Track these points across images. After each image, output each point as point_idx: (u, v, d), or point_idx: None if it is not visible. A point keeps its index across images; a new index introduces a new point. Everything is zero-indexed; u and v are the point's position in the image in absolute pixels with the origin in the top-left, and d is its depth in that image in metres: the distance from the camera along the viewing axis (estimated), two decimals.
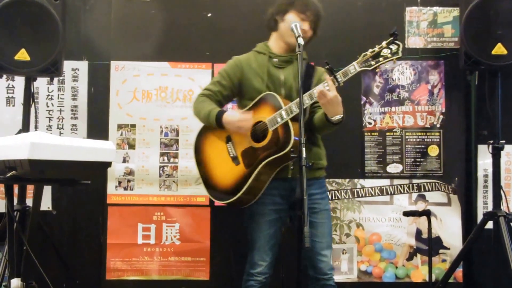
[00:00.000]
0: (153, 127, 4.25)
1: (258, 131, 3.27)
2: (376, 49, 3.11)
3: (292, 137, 3.10)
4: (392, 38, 3.10)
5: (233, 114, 3.28)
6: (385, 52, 3.10)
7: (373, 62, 3.10)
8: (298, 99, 3.03)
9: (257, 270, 3.30)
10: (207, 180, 3.44)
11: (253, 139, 3.26)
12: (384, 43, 3.11)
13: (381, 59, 3.09)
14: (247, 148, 3.28)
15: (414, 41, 4.28)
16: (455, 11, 4.26)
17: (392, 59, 3.10)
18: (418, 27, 4.30)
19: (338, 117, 3.10)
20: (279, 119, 3.17)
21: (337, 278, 3.32)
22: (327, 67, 3.06)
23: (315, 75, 3.40)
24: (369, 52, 3.12)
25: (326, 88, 3.05)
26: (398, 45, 3.10)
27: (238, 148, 3.32)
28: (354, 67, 3.11)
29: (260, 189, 3.26)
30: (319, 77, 3.37)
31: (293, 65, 3.35)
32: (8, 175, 2.76)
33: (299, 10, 3.30)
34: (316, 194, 3.32)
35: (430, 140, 4.27)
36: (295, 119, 3.14)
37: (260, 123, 3.25)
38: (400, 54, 3.09)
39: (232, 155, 3.33)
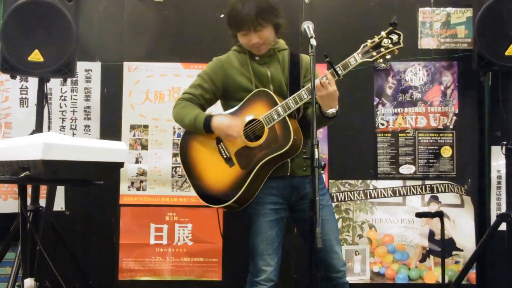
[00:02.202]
0: (165, 127, 4.25)
1: (251, 130, 3.10)
2: (376, 39, 2.98)
3: (292, 134, 2.97)
4: (391, 27, 2.97)
5: (222, 119, 3.09)
6: (386, 42, 2.96)
7: (374, 53, 2.97)
8: (294, 94, 2.99)
9: (262, 277, 3.03)
10: (198, 184, 3.17)
11: (247, 138, 3.09)
12: (383, 33, 2.97)
13: (382, 49, 2.96)
14: (242, 148, 3.08)
15: (427, 42, 4.26)
16: (468, 12, 4.23)
17: (393, 50, 2.97)
18: (431, 28, 4.27)
19: (333, 110, 2.96)
20: (275, 116, 3.02)
21: (350, 279, 3.28)
22: (327, 60, 2.89)
23: (302, 64, 3.23)
24: (369, 43, 2.98)
25: (326, 81, 2.90)
26: (399, 35, 2.96)
27: (231, 149, 3.11)
28: (354, 59, 2.96)
29: (256, 189, 3.07)
30: (306, 66, 3.21)
31: (276, 59, 3.20)
32: (22, 175, 2.77)
33: (235, 29, 3.13)
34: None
35: (443, 141, 4.25)
36: (291, 115, 3.04)
37: (254, 121, 3.09)
38: (401, 44, 2.96)
39: (225, 156, 3.12)
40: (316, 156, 2.60)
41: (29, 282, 3.02)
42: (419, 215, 3.97)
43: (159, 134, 4.25)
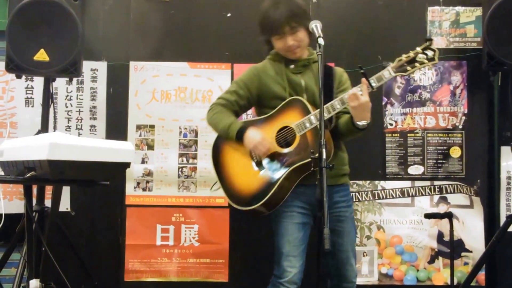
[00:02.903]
0: (172, 127, 4.23)
1: (283, 136, 3.14)
2: (411, 54, 3.02)
3: (323, 140, 2.91)
4: (427, 43, 3.02)
5: (254, 134, 3.10)
6: (421, 57, 3.01)
7: (408, 68, 3.01)
8: (327, 104, 3.02)
9: (285, 279, 3.05)
10: (226, 185, 3.23)
11: (278, 144, 3.13)
12: (419, 49, 3.02)
13: (417, 64, 3.00)
14: (272, 154, 3.12)
15: (436, 41, 4.21)
16: (478, 11, 4.20)
17: (428, 65, 3.03)
18: (440, 27, 4.24)
19: (364, 122, 3.00)
20: (307, 124, 3.04)
21: (358, 281, 3.26)
22: (362, 71, 2.93)
23: (335, 76, 3.29)
24: (404, 57, 3.02)
25: (359, 92, 2.95)
26: (434, 51, 3.01)
27: (262, 154, 3.14)
28: (389, 72, 3.01)
29: (284, 195, 3.09)
30: (340, 78, 3.29)
31: (311, 69, 3.24)
32: (27, 175, 2.77)
33: (270, 34, 3.17)
34: (342, 202, 3.21)
35: (452, 141, 4.22)
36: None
37: (286, 128, 3.13)
38: (436, 60, 3.02)
39: (256, 160, 3.16)
40: (324, 157, 2.61)
41: (34, 283, 3.02)
42: (428, 216, 3.93)
43: (166, 134, 4.22)
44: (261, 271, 3.77)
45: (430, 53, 3.01)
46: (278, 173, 3.09)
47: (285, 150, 3.10)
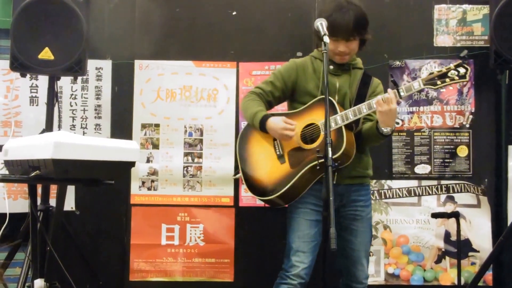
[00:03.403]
0: (177, 126, 4.21)
1: (309, 133, 3.21)
2: (444, 69, 3.09)
3: (344, 145, 3.04)
4: (461, 61, 3.11)
5: (276, 121, 3.19)
6: (452, 73, 3.08)
7: (438, 82, 3.08)
8: (355, 107, 3.11)
9: (292, 272, 3.13)
10: (247, 174, 3.33)
11: (303, 140, 3.20)
12: (452, 65, 3.10)
13: (447, 80, 3.07)
14: (295, 148, 3.21)
15: (442, 40, 4.19)
16: (485, 9, 4.17)
17: (458, 82, 3.10)
18: (447, 25, 4.21)
19: (388, 129, 3.05)
20: (333, 124, 3.08)
21: None
22: (392, 79, 3.09)
23: (371, 85, 3.33)
24: (435, 72, 3.10)
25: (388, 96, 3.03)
26: (467, 69, 3.07)
27: (285, 147, 3.24)
28: (418, 84, 3.08)
29: (302, 190, 3.18)
30: (375, 88, 3.33)
31: (349, 74, 3.30)
32: (32, 174, 2.76)
33: (331, 33, 3.09)
34: (360, 201, 3.27)
35: (459, 140, 4.19)
36: (348, 127, 3.14)
37: (312, 125, 3.20)
38: (467, 79, 3.09)
39: (278, 153, 3.25)
40: (330, 155, 2.64)
41: (39, 282, 3.02)
42: (435, 215, 3.90)
43: (171, 133, 4.20)
44: (267, 270, 3.76)
45: (462, 70, 3.07)
46: (298, 167, 3.16)
47: (308, 146, 3.17)
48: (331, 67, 3.27)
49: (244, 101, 3.38)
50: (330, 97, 3.13)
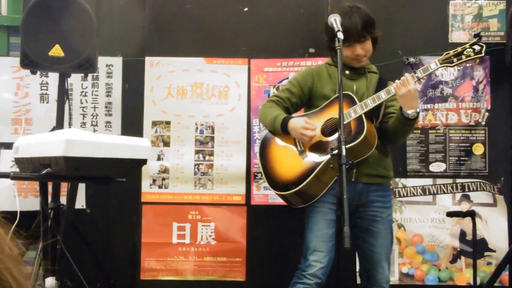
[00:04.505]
0: (188, 124, 4.17)
1: (328, 126, 3.22)
2: (459, 49, 3.11)
3: (365, 132, 3.04)
4: (476, 39, 3.10)
5: (298, 120, 3.22)
6: (468, 51, 3.09)
7: (455, 60, 3.09)
8: (374, 95, 3.13)
9: (309, 272, 3.11)
10: (269, 174, 3.35)
11: (323, 133, 3.22)
12: (467, 45, 3.11)
13: (463, 57, 3.07)
14: (316, 142, 3.22)
15: (458, 36, 4.13)
16: (501, 4, 4.11)
17: (474, 58, 3.11)
18: (463, 21, 4.15)
19: (413, 111, 3.03)
20: (352, 114, 3.12)
21: None
22: (407, 61, 3.16)
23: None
24: (451, 52, 3.12)
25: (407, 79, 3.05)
26: (482, 46, 3.07)
27: (306, 143, 3.24)
28: (435, 64, 3.09)
29: (322, 188, 3.17)
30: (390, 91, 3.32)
31: (365, 77, 3.33)
32: (43, 172, 2.73)
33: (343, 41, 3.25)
34: (379, 202, 3.24)
35: (474, 138, 4.13)
36: (369, 119, 3.15)
37: (332, 118, 3.20)
38: (483, 54, 3.08)
39: (299, 149, 3.27)
40: (344, 153, 2.64)
41: (50, 281, 3.02)
42: (450, 214, 3.88)
43: (182, 131, 4.17)
44: (280, 270, 3.73)
45: (477, 48, 3.07)
46: (319, 160, 3.17)
47: (329, 138, 3.18)
48: (347, 72, 3.29)
49: (262, 109, 3.41)
50: (348, 92, 3.20)
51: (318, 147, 3.21)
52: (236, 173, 4.13)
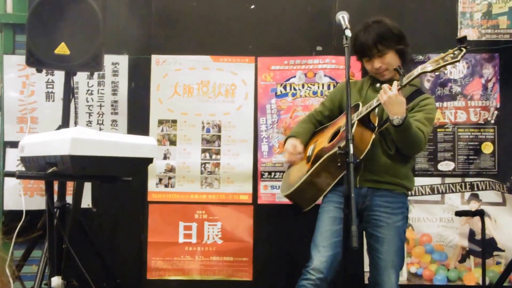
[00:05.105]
0: (194, 122, 4.15)
1: (335, 135, 3.29)
2: (442, 54, 3.01)
3: (350, 134, 2.93)
4: (458, 46, 2.96)
5: (289, 141, 3.43)
6: (448, 57, 2.97)
7: (433, 64, 3.00)
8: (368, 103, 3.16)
9: (311, 266, 3.12)
10: (284, 180, 3.57)
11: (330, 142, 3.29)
12: (451, 50, 2.98)
13: (441, 61, 2.98)
14: (321, 148, 3.29)
15: (467, 33, 4.08)
16: (511, 2, 4.07)
17: (451, 63, 2.95)
18: (472, 19, 4.11)
19: (397, 117, 2.96)
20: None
21: None
22: (394, 68, 3.07)
23: (416, 99, 3.26)
24: (439, 57, 3.02)
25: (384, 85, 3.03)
26: (461, 50, 2.94)
27: (316, 149, 3.34)
28: (417, 70, 3.00)
29: (321, 191, 3.25)
30: (418, 101, 3.25)
31: None
32: (49, 171, 2.72)
33: (359, 56, 3.34)
34: (384, 207, 3.19)
35: (484, 136, 4.10)
36: (369, 128, 3.14)
37: (339, 128, 3.29)
38: (459, 59, 2.94)
39: (308, 155, 3.38)
40: (351, 152, 2.62)
41: (56, 280, 3.01)
42: (459, 213, 3.87)
43: (188, 129, 4.14)
44: (287, 269, 3.70)
45: (457, 52, 2.95)
46: (315, 161, 3.26)
47: (328, 144, 3.25)
48: (378, 85, 3.29)
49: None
50: (358, 102, 3.22)
51: (320, 153, 3.26)
52: (243, 172, 4.10)
